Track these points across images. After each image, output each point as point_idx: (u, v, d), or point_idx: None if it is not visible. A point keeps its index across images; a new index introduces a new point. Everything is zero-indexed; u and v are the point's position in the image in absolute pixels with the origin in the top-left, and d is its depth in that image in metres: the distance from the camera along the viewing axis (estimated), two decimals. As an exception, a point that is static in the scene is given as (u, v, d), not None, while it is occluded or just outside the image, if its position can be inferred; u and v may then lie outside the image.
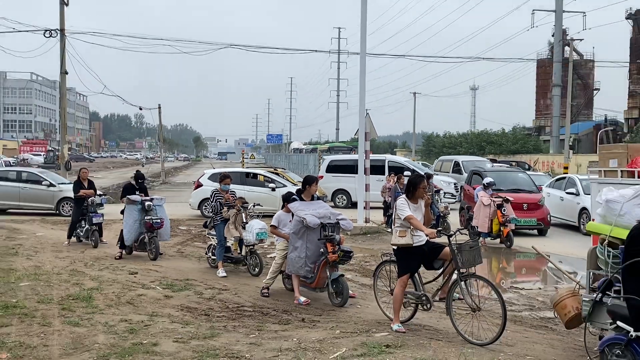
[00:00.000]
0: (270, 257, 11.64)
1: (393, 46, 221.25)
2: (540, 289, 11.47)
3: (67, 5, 28.61)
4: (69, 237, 15.02)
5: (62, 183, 22.24)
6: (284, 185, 21.88)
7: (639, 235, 5.86)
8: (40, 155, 71.11)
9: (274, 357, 6.49)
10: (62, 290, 9.74)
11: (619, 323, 6.04)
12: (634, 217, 6.36)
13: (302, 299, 9.36)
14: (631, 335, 5.87)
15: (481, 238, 15.59)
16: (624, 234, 6.34)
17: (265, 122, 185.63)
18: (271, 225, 10.17)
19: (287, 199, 10.16)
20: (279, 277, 10.18)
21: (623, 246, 6.28)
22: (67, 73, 29.20)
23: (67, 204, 20.68)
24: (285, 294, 9.93)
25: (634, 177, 8.94)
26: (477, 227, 15.78)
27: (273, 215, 10.34)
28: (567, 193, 19.84)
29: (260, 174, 23.73)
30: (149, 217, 12.98)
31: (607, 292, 6.46)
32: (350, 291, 9.47)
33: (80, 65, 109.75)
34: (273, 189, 21.71)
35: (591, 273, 7.07)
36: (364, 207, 18.69)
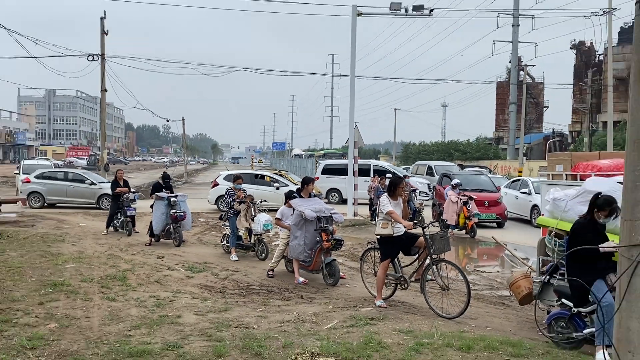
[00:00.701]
0: (275, 245, 11.61)
1: (378, 69, 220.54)
2: (498, 272, 11.47)
3: (107, 34, 28.54)
4: (107, 227, 14.97)
5: (101, 182, 22.14)
6: (287, 185, 21.84)
7: (579, 229, 5.87)
8: (84, 158, 70.71)
9: (277, 327, 6.49)
10: (101, 271, 9.71)
11: (564, 300, 6.06)
12: (576, 212, 6.38)
13: (301, 279, 9.35)
14: (573, 311, 5.90)
15: (450, 230, 15.56)
16: (568, 227, 6.36)
17: (271, 132, 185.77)
18: (276, 218, 10.16)
19: (289, 196, 10.14)
20: (281, 261, 10.17)
21: (567, 237, 6.31)
22: (106, 90, 29.07)
23: (105, 199, 20.57)
24: (287, 275, 9.91)
25: (576, 180, 8.96)
26: (447, 220, 15.76)
27: (277, 210, 10.33)
28: (521, 192, 19.85)
29: (266, 175, 23.69)
30: (173, 211, 12.94)
31: (554, 275, 6.48)
32: (340, 273, 9.46)
33: (118, 83, 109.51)
34: (277, 188, 21.66)
35: (541, 259, 7.09)
36: (353, 203, 18.67)
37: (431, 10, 18.70)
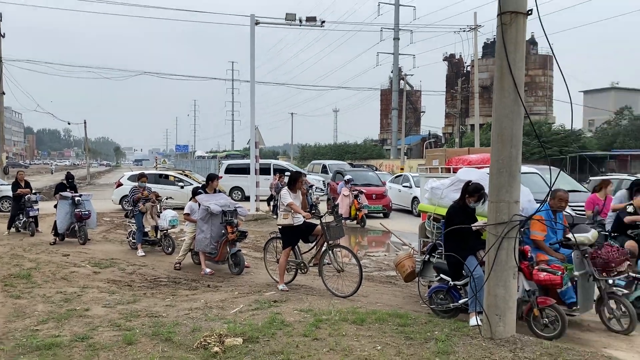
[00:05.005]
0: (181, 240, 11.31)
1: (277, 75, 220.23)
2: (385, 255, 11.90)
3: (3, 37, 26.30)
4: (9, 228, 13.83)
5: (1, 184, 20.43)
6: (191, 184, 21.29)
7: (453, 212, 6.24)
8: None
9: (186, 314, 6.33)
10: (4, 270, 8.94)
11: (442, 276, 6.41)
12: (451, 199, 6.76)
13: (208, 270, 9.19)
14: (450, 284, 6.25)
15: (343, 221, 15.93)
16: (444, 212, 6.72)
17: (174, 135, 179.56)
18: (185, 213, 9.90)
19: (195, 192, 9.93)
20: (188, 255, 9.93)
21: (443, 220, 6.69)
22: (4, 93, 26.82)
23: (6, 201, 18.98)
24: (194, 267, 9.69)
25: (450, 172, 9.52)
26: (342, 214, 16.15)
27: (183, 208, 10.07)
28: (403, 186, 20.68)
29: (170, 175, 22.96)
30: (78, 210, 12.20)
31: (433, 254, 6.84)
32: (245, 262, 9.40)
33: (17, 87, 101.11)
34: (182, 187, 21.08)
35: (422, 241, 7.47)
36: (255, 200, 18.59)
37: (323, 22, 19.02)
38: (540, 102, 61.03)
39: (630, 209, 7.46)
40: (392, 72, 61.39)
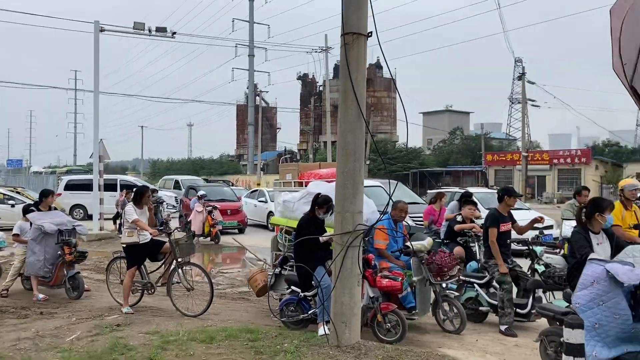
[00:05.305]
0: (11, 264, 10.12)
1: (127, 87, 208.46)
2: (239, 271, 11.79)
3: None
4: None
5: None
6: (24, 202, 19.25)
7: (303, 224, 6.38)
8: None
9: (12, 346, 5.64)
10: None
11: (293, 287, 6.49)
12: (302, 211, 6.91)
13: (41, 295, 8.31)
14: (300, 295, 6.36)
15: (196, 238, 15.58)
16: (295, 224, 6.86)
17: (5, 149, 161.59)
18: (13, 234, 8.86)
19: (26, 210, 8.96)
20: (18, 280, 8.90)
21: (295, 232, 6.81)
22: None
23: None
24: (24, 294, 8.70)
25: (302, 186, 9.74)
26: (194, 230, 15.73)
27: (13, 228, 9.04)
28: (259, 201, 20.77)
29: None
30: None
31: (285, 266, 6.92)
32: (85, 285, 8.68)
33: None
34: (12, 205, 18.96)
35: (274, 254, 7.52)
36: (99, 218, 17.34)
37: (174, 33, 18.51)
38: (385, 122, 65.51)
39: (459, 218, 8.25)
40: (247, 88, 61.79)
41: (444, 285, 6.65)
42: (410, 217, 11.60)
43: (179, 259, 7.35)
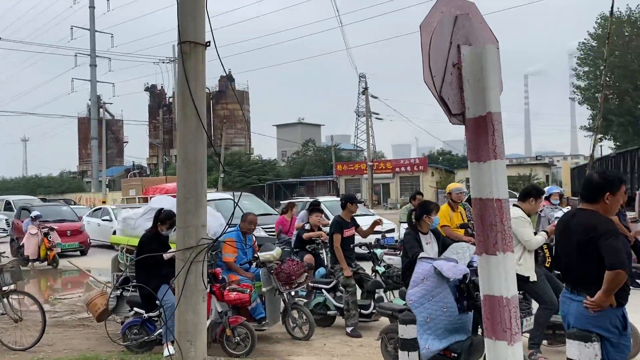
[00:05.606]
0: None
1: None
2: (80, 296, 10.86)
3: None
4: None
5: None
6: None
7: (145, 241, 6.07)
8: None
9: None
10: None
11: (136, 309, 6.14)
12: (144, 228, 6.57)
13: None
14: (144, 317, 6.03)
15: (31, 263, 14.15)
16: (137, 242, 6.51)
17: None
18: None
19: None
20: None
21: (136, 251, 6.44)
22: None
23: None
24: None
25: (147, 201, 9.31)
26: (28, 255, 14.25)
27: None
28: (102, 220, 19.42)
29: None
30: None
31: (127, 288, 6.52)
32: None
33: None
34: None
35: (114, 275, 7.06)
36: None
37: (-2, 38, 16.65)
38: (240, 134, 65.43)
39: (307, 226, 8.46)
40: (90, 99, 57.74)
41: (292, 293, 6.75)
42: (263, 228, 11.70)
43: (4, 288, 6.58)
